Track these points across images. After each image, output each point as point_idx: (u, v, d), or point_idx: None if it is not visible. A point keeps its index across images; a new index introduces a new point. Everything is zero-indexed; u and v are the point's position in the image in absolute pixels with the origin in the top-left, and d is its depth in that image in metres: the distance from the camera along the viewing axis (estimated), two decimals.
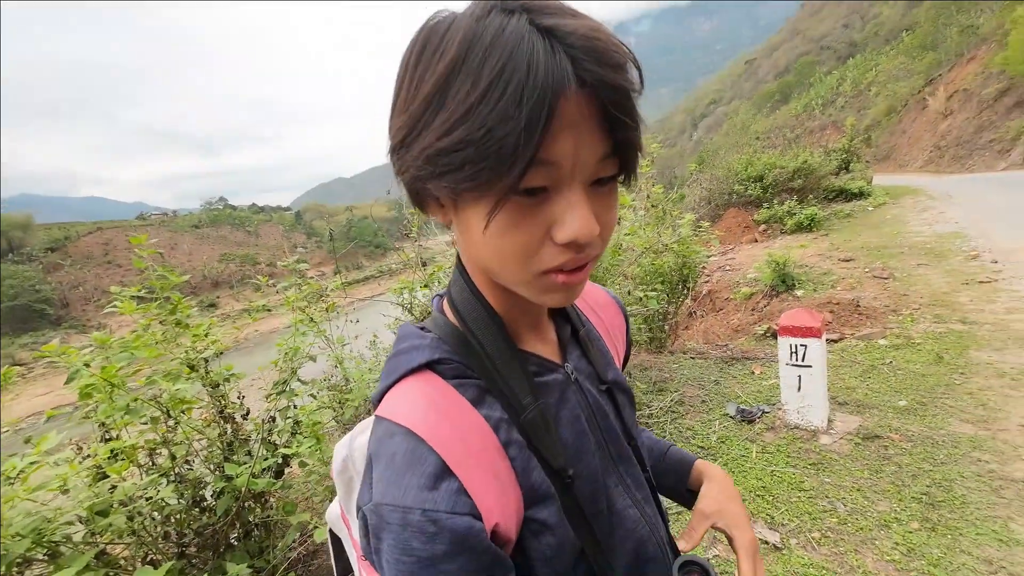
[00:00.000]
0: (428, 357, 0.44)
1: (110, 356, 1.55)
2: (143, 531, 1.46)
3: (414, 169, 0.36)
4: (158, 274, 1.72)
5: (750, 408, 3.11)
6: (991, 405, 2.84)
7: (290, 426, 2.03)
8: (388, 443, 0.39)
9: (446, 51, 0.33)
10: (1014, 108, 21.64)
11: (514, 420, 0.44)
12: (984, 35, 28.46)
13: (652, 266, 3.96)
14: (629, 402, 0.57)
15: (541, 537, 0.43)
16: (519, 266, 0.38)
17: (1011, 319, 4.02)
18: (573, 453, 0.46)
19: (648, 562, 0.50)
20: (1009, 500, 2.09)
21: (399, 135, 0.37)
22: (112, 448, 1.51)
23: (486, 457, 0.40)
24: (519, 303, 0.46)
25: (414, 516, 0.36)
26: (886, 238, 7.91)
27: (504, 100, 0.31)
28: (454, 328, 0.47)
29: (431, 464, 0.37)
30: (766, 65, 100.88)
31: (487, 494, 0.38)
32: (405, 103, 0.36)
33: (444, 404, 0.42)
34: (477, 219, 0.36)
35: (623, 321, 0.68)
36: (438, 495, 0.36)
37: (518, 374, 0.45)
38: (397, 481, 0.37)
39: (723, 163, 13.18)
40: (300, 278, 2.70)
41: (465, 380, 0.44)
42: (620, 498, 0.50)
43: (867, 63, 47.33)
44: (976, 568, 1.77)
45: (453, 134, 0.33)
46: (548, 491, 0.43)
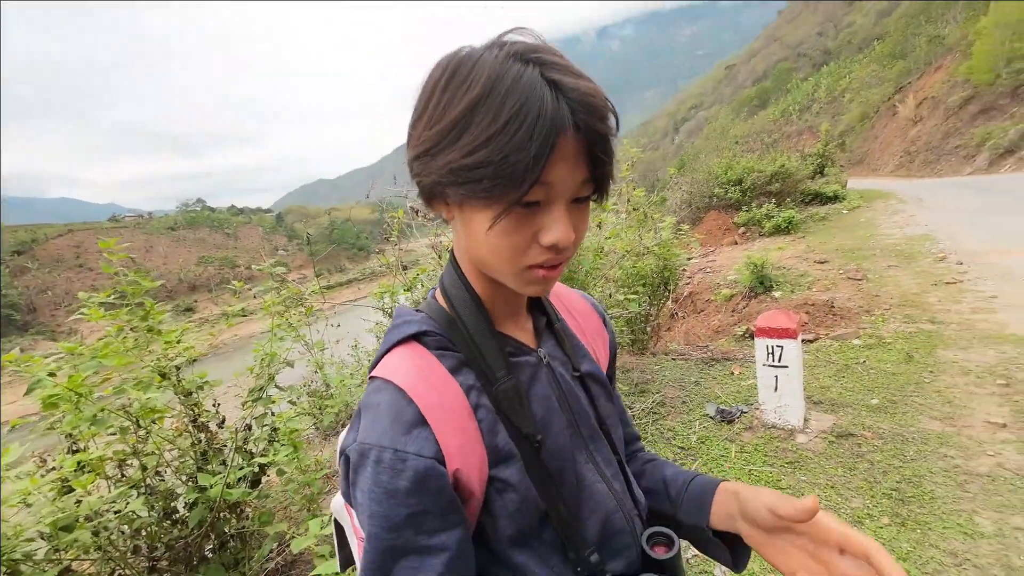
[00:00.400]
0: (416, 329, 0.53)
1: (77, 365, 1.50)
2: (110, 546, 1.41)
3: (437, 176, 0.45)
4: (129, 279, 1.67)
5: (729, 408, 3.17)
6: (957, 402, 2.95)
7: (267, 434, 1.99)
8: (376, 396, 0.48)
9: (472, 85, 0.42)
10: (978, 115, 22.54)
11: (486, 389, 0.51)
12: (950, 45, 29.60)
13: (634, 269, 4.00)
14: (605, 394, 0.62)
15: (505, 494, 0.49)
16: (510, 261, 0.47)
17: (976, 319, 4.18)
18: (542, 426, 0.53)
19: (616, 534, 0.55)
20: (974, 494, 2.16)
21: (424, 145, 0.45)
22: (79, 460, 1.46)
23: (456, 415, 0.48)
24: (501, 293, 0.54)
25: (387, 454, 0.44)
26: (859, 240, 8.15)
27: (519, 134, 0.40)
28: (442, 309, 0.55)
29: (409, 413, 0.46)
30: (745, 71, 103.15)
31: (451, 442, 0.46)
32: (431, 121, 0.44)
33: (426, 368, 0.50)
34: (481, 221, 0.45)
35: (602, 325, 0.71)
36: (409, 439, 0.45)
37: (494, 351, 0.52)
38: (378, 425, 0.45)
39: (704, 166, 13.41)
40: (279, 282, 2.66)
41: (446, 352, 0.52)
42: (589, 473, 0.56)
43: (841, 70, 48.76)
44: (943, 561, 1.83)
45: (476, 155, 0.41)
46: (512, 452, 0.50)
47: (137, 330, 1.72)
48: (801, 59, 70.77)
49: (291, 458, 1.79)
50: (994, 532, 1.93)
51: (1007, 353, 3.46)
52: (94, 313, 1.58)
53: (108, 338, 1.66)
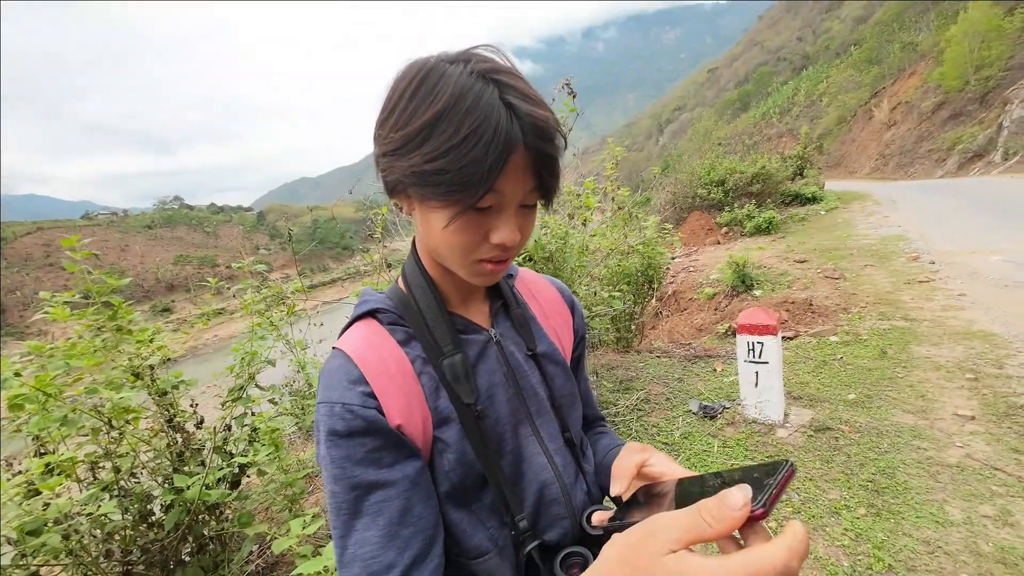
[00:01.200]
0: (372, 307, 0.59)
1: (45, 364, 1.45)
2: (81, 551, 1.36)
3: (400, 175, 0.49)
4: (94, 277, 1.61)
5: (712, 404, 3.21)
6: (929, 396, 3.04)
7: (247, 434, 1.95)
8: (331, 362, 0.55)
9: (438, 98, 0.46)
10: (949, 120, 23.33)
11: (431, 360, 0.56)
12: (923, 52, 30.58)
13: (618, 267, 4.03)
14: (562, 373, 0.66)
15: (445, 454, 0.55)
16: (462, 256, 0.52)
17: (946, 316, 4.32)
18: (486, 397, 0.58)
19: (551, 503, 0.59)
20: (944, 484, 2.24)
21: (390, 146, 0.49)
22: (47, 462, 1.40)
23: (399, 379, 0.54)
24: (455, 280, 0.60)
25: (337, 408, 0.50)
26: (837, 241, 8.36)
27: (476, 149, 0.45)
28: (400, 291, 0.61)
29: (353, 375, 0.52)
30: (727, 74, 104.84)
31: (392, 402, 0.52)
32: (397, 124, 0.48)
33: (375, 339, 0.56)
34: (438, 220, 0.50)
35: (567, 310, 0.74)
36: (352, 394, 0.51)
37: (443, 328, 0.58)
38: (330, 385, 0.52)
39: (687, 167, 13.60)
40: (260, 281, 2.60)
41: (397, 326, 0.58)
42: (531, 445, 0.60)
43: (819, 75, 49.93)
44: (916, 549, 1.89)
45: (437, 162, 0.46)
46: (451, 415, 0.55)
47: (105, 330, 1.67)
48: (781, 63, 72.28)
49: (272, 458, 1.76)
50: (963, 520, 2.00)
51: (975, 348, 3.59)
52: (59, 312, 1.53)
53: (77, 338, 1.61)
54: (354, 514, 0.49)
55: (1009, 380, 3.07)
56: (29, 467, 1.42)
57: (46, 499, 1.34)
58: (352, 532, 0.49)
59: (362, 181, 3.57)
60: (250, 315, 2.48)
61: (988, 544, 1.86)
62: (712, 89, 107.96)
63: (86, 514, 1.40)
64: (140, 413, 1.62)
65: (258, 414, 1.95)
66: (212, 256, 58.65)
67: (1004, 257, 5.86)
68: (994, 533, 1.91)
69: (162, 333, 1.79)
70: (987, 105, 21.28)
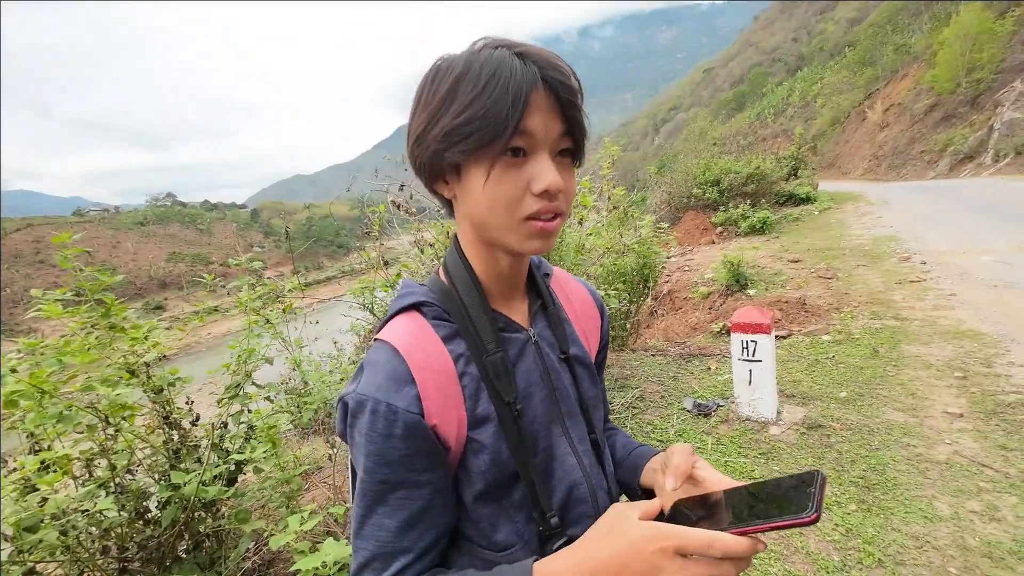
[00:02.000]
0: (416, 300, 0.59)
1: (39, 361, 1.44)
2: (78, 547, 1.36)
3: (435, 145, 0.50)
4: (87, 274, 1.60)
5: (706, 402, 3.24)
6: (919, 394, 3.09)
7: (244, 431, 1.95)
8: (375, 354, 0.55)
9: (453, 68, 0.49)
10: (941, 122, 23.57)
11: (475, 358, 0.56)
12: (916, 54, 30.84)
13: (614, 266, 4.05)
14: (589, 377, 0.67)
15: (480, 455, 0.55)
16: (508, 214, 0.51)
17: (937, 315, 4.38)
18: (523, 396, 0.58)
19: (578, 502, 0.60)
20: (933, 480, 2.28)
21: (421, 126, 0.52)
22: (43, 459, 1.40)
23: (441, 378, 0.53)
24: (499, 274, 0.59)
25: (382, 407, 0.50)
26: (830, 241, 8.43)
27: (496, 91, 0.47)
28: (443, 284, 0.60)
29: (401, 372, 0.52)
30: (723, 74, 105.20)
31: (432, 400, 0.52)
32: (424, 106, 0.51)
33: (421, 334, 0.55)
34: (477, 177, 0.50)
35: (597, 314, 0.76)
36: (399, 396, 0.51)
37: (486, 325, 0.57)
38: (375, 379, 0.52)
39: (682, 167, 13.65)
40: (256, 278, 2.59)
41: (441, 321, 0.57)
42: (562, 445, 0.61)
43: (814, 76, 50.20)
44: (905, 544, 1.92)
45: (464, 114, 0.48)
46: (489, 416, 0.55)
47: (99, 327, 1.66)
48: (776, 64, 72.61)
49: (269, 455, 1.76)
50: (951, 516, 2.04)
51: (964, 347, 3.64)
52: (51, 309, 1.52)
53: (70, 335, 1.60)
54: (378, 501, 0.52)
55: (997, 378, 3.12)
56: (24, 464, 1.41)
57: (44, 495, 1.33)
58: (372, 515, 0.52)
59: (358, 179, 3.56)
60: (245, 313, 2.48)
61: (975, 539, 1.90)
62: (708, 89, 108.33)
63: (83, 511, 1.40)
64: (136, 410, 1.61)
65: (255, 411, 1.95)
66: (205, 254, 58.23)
67: (994, 257, 5.94)
68: (981, 528, 1.95)
69: (157, 330, 1.78)
70: (978, 107, 21.51)
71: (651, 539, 0.42)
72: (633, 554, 0.42)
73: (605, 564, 0.43)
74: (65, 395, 1.44)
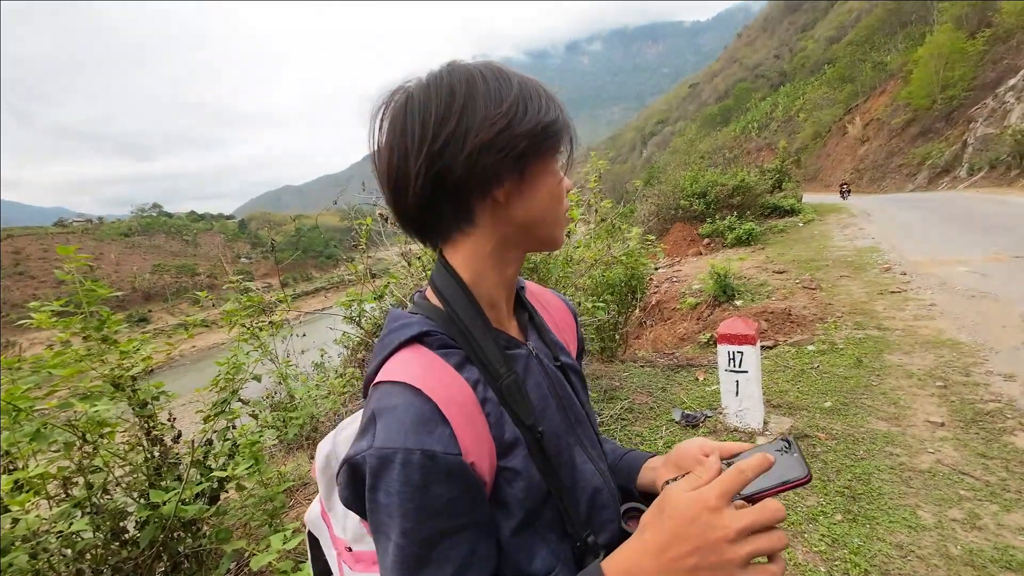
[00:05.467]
0: (419, 330, 0.54)
1: (16, 378, 1.41)
2: (50, 570, 1.32)
3: (527, 141, 0.52)
4: (86, 288, 1.58)
5: (694, 413, 3.26)
6: (901, 403, 3.14)
7: (228, 448, 1.92)
8: (389, 399, 0.48)
9: (508, 76, 0.53)
10: (918, 137, 24.31)
11: (490, 383, 0.53)
12: (892, 71, 31.87)
13: (602, 277, 4.09)
14: (581, 383, 0.68)
15: (515, 483, 0.52)
16: (560, 208, 0.58)
17: (918, 325, 4.47)
18: (540, 413, 0.57)
19: (602, 508, 0.60)
20: (916, 489, 2.31)
21: (501, 122, 0.50)
22: (16, 478, 1.36)
23: (467, 409, 0.49)
24: (491, 293, 0.58)
25: (415, 456, 0.45)
26: (814, 252, 8.59)
27: (555, 103, 0.55)
28: (438, 309, 0.57)
29: (428, 411, 0.47)
30: (708, 89, 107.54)
31: (466, 436, 0.48)
32: (492, 105, 0.51)
33: (431, 366, 0.51)
34: (552, 175, 0.56)
35: (573, 321, 0.77)
36: (433, 439, 0.46)
37: (493, 347, 0.55)
38: (400, 427, 0.46)
39: (670, 179, 13.88)
40: (244, 292, 2.57)
41: (449, 350, 0.54)
42: (578, 454, 0.60)
43: (796, 91, 51.55)
44: (890, 553, 1.94)
45: (549, 114, 0.53)
46: (518, 441, 0.53)
47: (90, 339, 1.63)
48: (759, 80, 74.47)
49: (252, 472, 1.72)
50: (934, 524, 2.07)
51: (944, 357, 3.72)
52: (42, 318, 1.50)
53: (56, 348, 1.57)
54: (421, 563, 0.46)
55: (976, 387, 3.19)
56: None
57: (15, 515, 1.29)
58: None
59: (347, 190, 3.56)
60: (231, 327, 2.44)
61: (957, 547, 1.92)
62: (694, 103, 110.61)
63: (56, 532, 1.36)
64: (115, 427, 1.58)
65: (240, 427, 1.92)
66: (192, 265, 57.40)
67: (969, 268, 6.10)
68: (963, 536, 1.98)
69: (149, 344, 1.76)
70: (953, 123, 22.25)
71: (697, 500, 0.43)
72: (689, 522, 0.43)
73: (670, 542, 0.43)
74: (41, 412, 1.41)
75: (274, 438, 2.69)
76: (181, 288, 39.56)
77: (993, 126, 18.64)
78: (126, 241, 60.91)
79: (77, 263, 1.57)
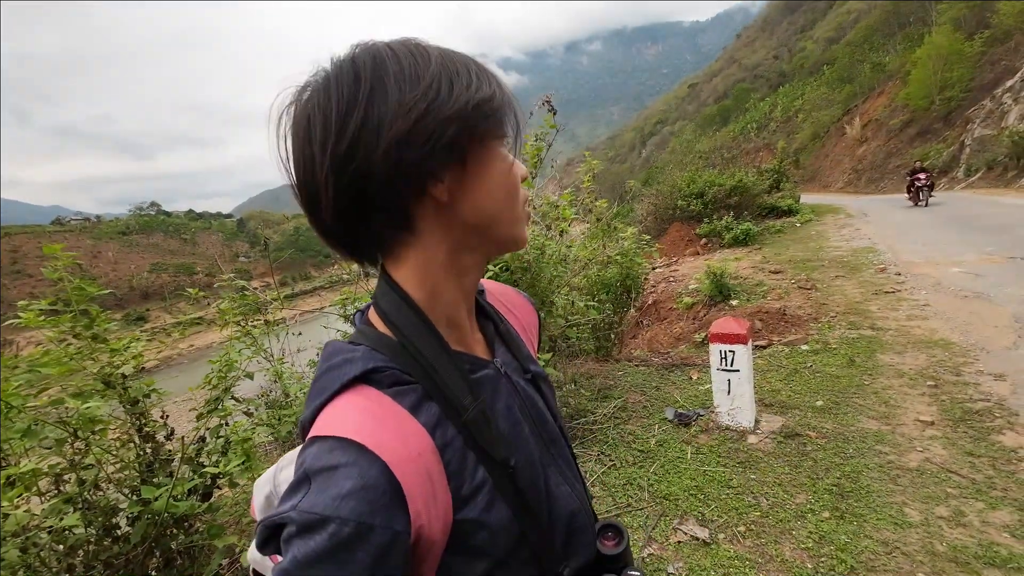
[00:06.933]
0: (363, 367, 0.44)
1: (9, 377, 1.42)
2: (41, 565, 1.33)
3: (457, 124, 0.43)
4: (75, 286, 1.59)
5: (687, 412, 3.28)
6: (892, 403, 3.16)
7: (220, 445, 1.93)
8: (327, 457, 0.39)
9: (422, 49, 0.44)
10: (916, 138, 24.37)
11: (452, 420, 0.46)
12: (891, 72, 31.93)
13: (598, 277, 4.11)
14: (550, 390, 0.63)
15: (476, 535, 0.45)
16: (516, 201, 0.49)
17: (911, 325, 4.50)
18: (511, 442, 0.50)
19: (578, 532, 0.55)
20: (904, 487, 2.33)
21: (421, 105, 0.42)
22: (7, 475, 1.37)
23: (423, 462, 0.42)
24: (449, 310, 0.50)
25: (347, 528, 0.36)
26: (810, 252, 8.62)
27: (488, 75, 0.46)
28: (386, 337, 0.48)
29: (374, 475, 0.38)
30: (707, 89, 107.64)
31: (417, 495, 0.40)
32: (408, 85, 0.42)
33: (381, 413, 0.42)
34: (499, 160, 0.47)
35: (535, 318, 0.74)
36: (376, 508, 0.38)
37: (454, 375, 0.47)
38: (335, 491, 0.37)
39: (668, 179, 13.90)
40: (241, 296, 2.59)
41: (402, 387, 0.45)
42: (553, 477, 0.55)
43: (795, 92, 51.62)
44: (876, 550, 1.96)
45: (481, 91, 0.44)
46: (481, 487, 0.46)
47: (81, 338, 1.65)
48: (758, 80, 74.54)
49: (244, 468, 1.74)
50: (921, 522, 2.09)
51: (936, 356, 3.74)
52: (30, 317, 1.51)
53: (47, 347, 1.59)
54: None
55: (966, 387, 3.22)
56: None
57: (5, 511, 1.31)
58: None
59: None
60: (226, 326, 2.46)
61: (942, 544, 1.95)
62: (693, 104, 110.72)
63: (46, 527, 1.38)
64: (107, 424, 1.59)
65: (233, 424, 1.93)
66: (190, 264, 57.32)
67: (963, 269, 6.13)
68: (948, 533, 2.00)
69: (139, 342, 1.77)
70: (951, 124, 22.30)
71: None
72: None
73: None
74: (33, 409, 1.42)
75: (268, 435, 2.70)
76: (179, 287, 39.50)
77: (991, 127, 18.69)
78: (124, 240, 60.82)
79: (65, 261, 1.58)
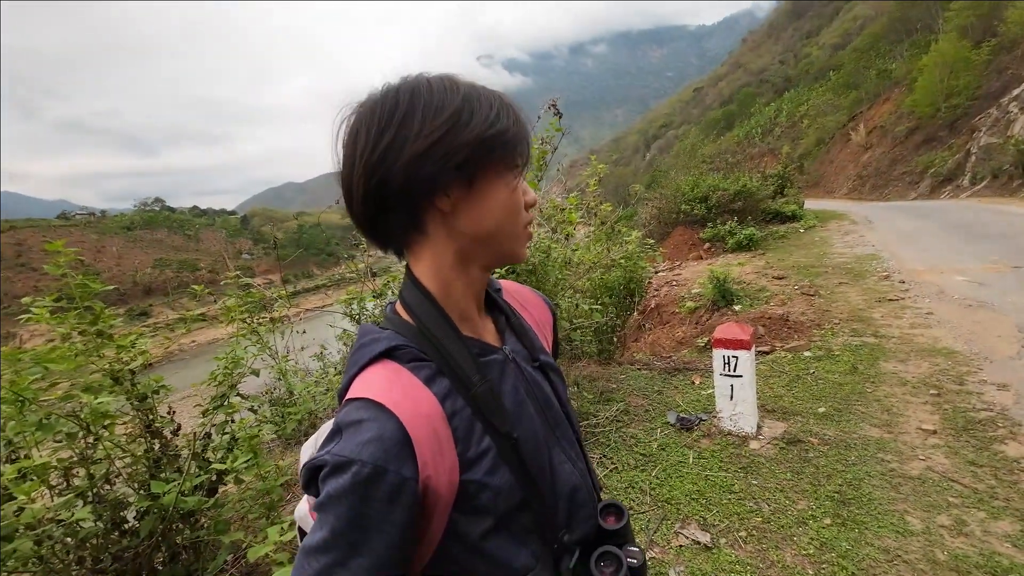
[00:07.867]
0: (387, 345, 0.55)
1: (19, 370, 1.44)
2: (53, 557, 1.35)
3: (467, 152, 0.52)
4: (79, 282, 1.61)
5: (689, 416, 3.29)
6: (894, 410, 3.16)
7: (226, 442, 1.95)
8: (355, 413, 0.50)
9: (452, 86, 0.53)
10: (922, 145, 24.28)
11: (461, 393, 0.55)
12: (897, 79, 31.82)
13: (601, 280, 4.12)
14: (560, 380, 0.70)
15: (481, 494, 0.53)
16: (517, 221, 0.58)
17: (914, 333, 4.49)
18: (515, 419, 0.58)
19: (580, 506, 0.62)
20: (906, 495, 2.33)
21: (436, 134, 0.51)
22: (20, 468, 1.39)
23: (432, 424, 0.51)
24: (460, 303, 0.59)
25: (366, 469, 0.46)
26: (814, 258, 8.60)
27: (512, 113, 0.55)
28: (408, 323, 0.58)
29: (390, 428, 0.48)
30: (712, 93, 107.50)
31: (427, 452, 0.49)
32: (429, 117, 0.51)
33: (399, 381, 0.52)
34: (503, 186, 0.55)
35: (550, 316, 0.80)
36: (390, 456, 0.47)
37: (464, 356, 0.56)
38: (359, 439, 0.48)
39: (672, 183, 13.89)
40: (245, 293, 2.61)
41: (419, 363, 0.55)
42: (557, 455, 0.62)
43: (800, 97, 51.49)
44: (877, 558, 1.96)
45: (497, 124, 0.53)
46: (486, 452, 0.54)
47: (86, 335, 1.67)
48: (763, 85, 74.43)
49: (250, 465, 1.76)
50: (922, 530, 2.09)
51: (939, 365, 3.74)
52: (41, 315, 1.53)
53: (55, 342, 1.60)
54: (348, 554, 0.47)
55: (969, 396, 3.21)
56: (1, 472, 1.40)
57: (20, 504, 1.33)
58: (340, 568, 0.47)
59: None
60: (231, 322, 2.48)
61: (943, 553, 1.95)
62: (697, 108, 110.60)
63: (58, 520, 1.40)
64: (117, 419, 1.61)
65: (239, 421, 1.95)
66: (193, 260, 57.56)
67: (967, 277, 6.12)
68: (949, 542, 2.00)
69: (144, 339, 1.79)
70: (956, 132, 22.21)
71: None
72: None
73: None
74: (45, 403, 1.44)
75: (273, 433, 2.72)
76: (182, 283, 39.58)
77: (996, 136, 18.62)
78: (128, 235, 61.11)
79: (67, 257, 1.60)
